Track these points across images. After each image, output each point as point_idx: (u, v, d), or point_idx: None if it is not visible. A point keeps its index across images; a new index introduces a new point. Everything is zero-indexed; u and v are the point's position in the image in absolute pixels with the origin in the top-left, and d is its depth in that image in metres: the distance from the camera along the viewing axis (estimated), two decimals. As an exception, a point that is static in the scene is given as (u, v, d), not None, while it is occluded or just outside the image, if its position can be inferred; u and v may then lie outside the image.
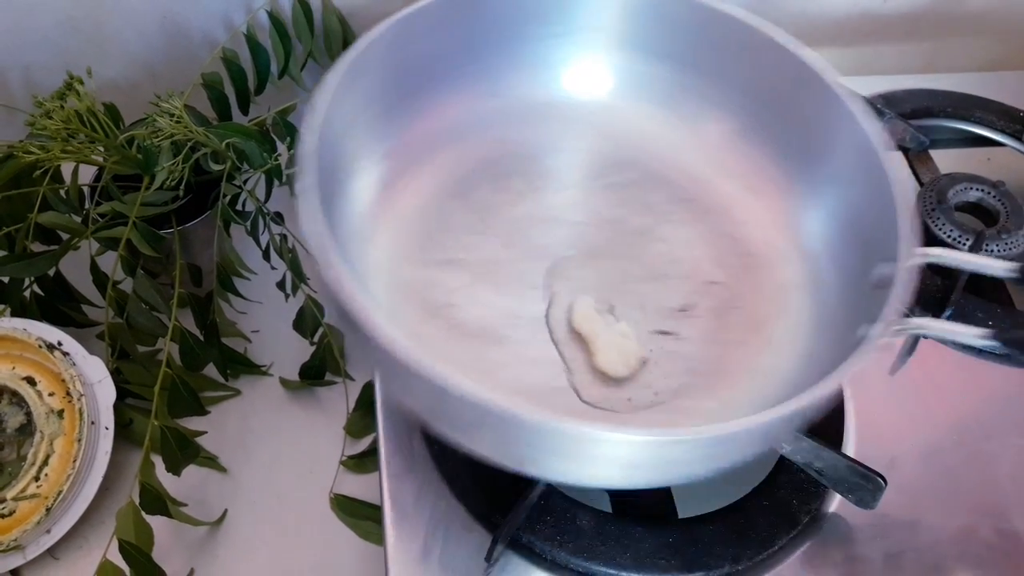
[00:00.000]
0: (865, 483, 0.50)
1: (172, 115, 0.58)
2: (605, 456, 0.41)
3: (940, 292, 0.63)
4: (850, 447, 0.56)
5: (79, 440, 0.59)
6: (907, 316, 0.45)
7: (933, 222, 0.67)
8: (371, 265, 0.53)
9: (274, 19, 0.71)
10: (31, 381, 0.61)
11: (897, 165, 0.51)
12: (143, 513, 0.56)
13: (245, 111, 0.72)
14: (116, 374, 0.63)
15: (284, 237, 0.64)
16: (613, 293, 0.55)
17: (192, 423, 0.63)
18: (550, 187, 0.59)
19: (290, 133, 0.67)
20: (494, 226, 0.56)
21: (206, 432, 0.63)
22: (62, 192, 0.63)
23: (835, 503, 0.54)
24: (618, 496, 0.54)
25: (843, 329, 0.52)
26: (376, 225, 0.54)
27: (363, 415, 0.66)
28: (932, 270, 0.63)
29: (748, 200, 0.60)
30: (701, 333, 0.54)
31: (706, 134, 0.61)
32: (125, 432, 0.64)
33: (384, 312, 0.42)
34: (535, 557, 0.50)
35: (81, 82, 0.55)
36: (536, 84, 0.61)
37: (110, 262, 0.62)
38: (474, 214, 0.57)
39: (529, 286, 0.54)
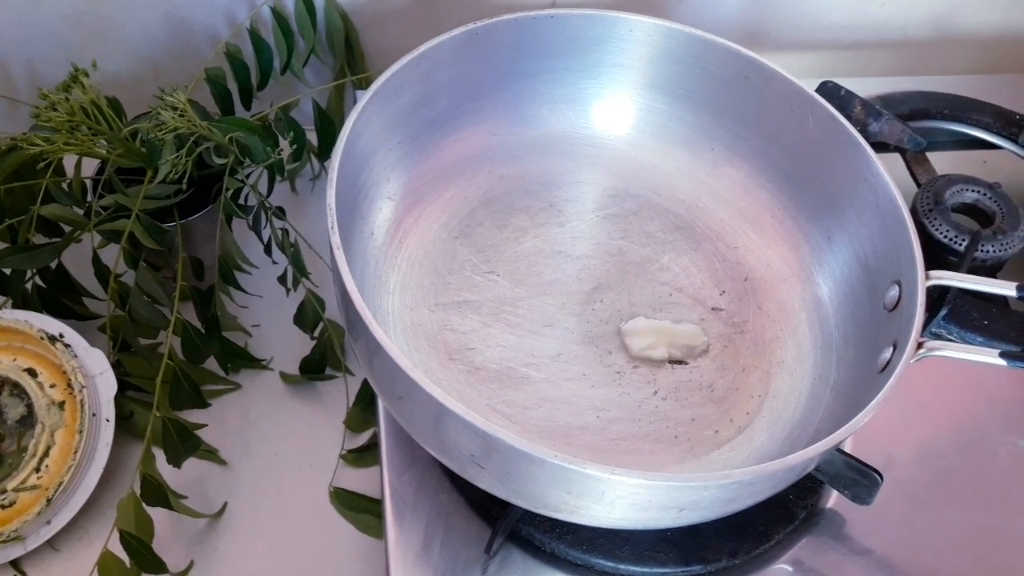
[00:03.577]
0: (861, 479, 0.50)
1: (176, 108, 0.58)
2: (659, 502, 0.41)
3: (936, 292, 0.63)
4: (846, 443, 0.57)
5: (80, 432, 0.59)
6: (927, 338, 0.46)
7: (930, 223, 0.67)
8: (387, 310, 0.54)
9: (277, 15, 0.71)
10: (32, 373, 0.62)
11: (900, 198, 0.52)
12: (144, 504, 0.56)
13: (247, 106, 0.72)
14: (117, 367, 0.63)
15: (286, 231, 0.65)
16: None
17: (192, 416, 0.64)
18: (552, 222, 0.60)
19: (292, 128, 0.68)
20: (500, 265, 0.57)
21: (207, 425, 0.64)
22: (65, 185, 0.63)
23: (831, 499, 0.55)
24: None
25: (852, 349, 0.53)
26: (389, 270, 0.55)
27: (363, 409, 0.66)
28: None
29: (741, 225, 0.61)
30: (713, 360, 0.55)
31: (703, 162, 0.62)
32: (126, 424, 0.64)
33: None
34: (534, 549, 0.51)
35: (86, 74, 0.55)
36: (544, 119, 0.62)
37: (112, 255, 0.63)
38: (479, 253, 0.57)
39: (543, 323, 0.55)
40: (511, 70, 0.58)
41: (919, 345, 0.45)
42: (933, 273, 0.49)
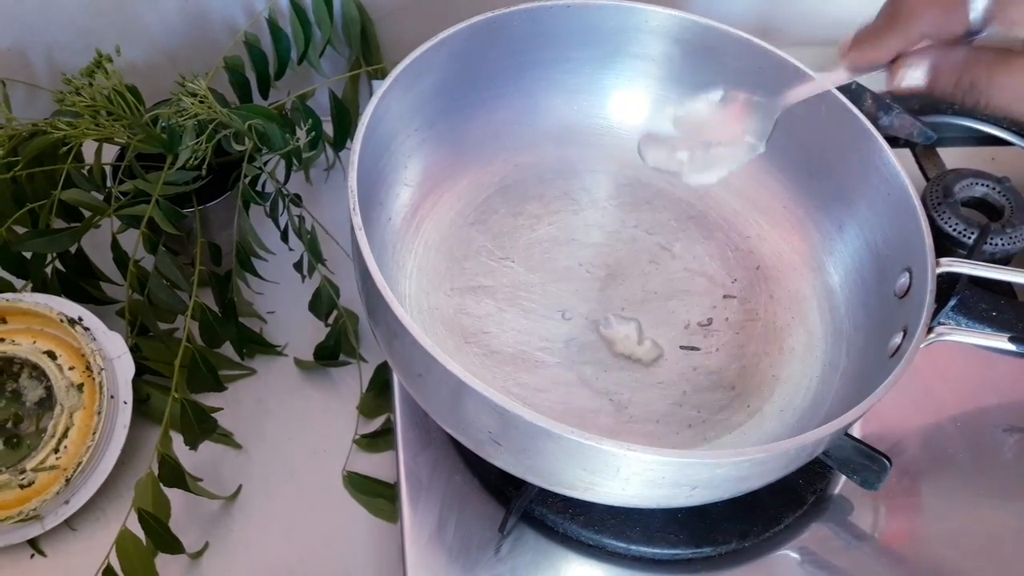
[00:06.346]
0: (870, 464, 0.51)
1: (196, 95, 0.59)
2: (673, 479, 0.41)
3: (945, 282, 0.63)
4: (856, 430, 0.57)
5: (99, 413, 0.60)
6: (935, 324, 0.47)
7: (939, 216, 0.68)
8: (404, 294, 0.54)
9: (295, 5, 0.72)
10: (52, 355, 0.62)
11: (911, 186, 0.52)
12: (161, 485, 0.57)
13: (265, 95, 0.73)
14: (134, 351, 0.64)
15: (302, 218, 0.65)
16: (638, 312, 0.56)
17: (208, 400, 0.64)
18: (566, 209, 0.61)
19: (310, 116, 0.68)
20: (515, 251, 0.58)
21: (222, 409, 0.64)
22: (85, 170, 0.64)
23: (840, 484, 0.55)
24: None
25: (863, 336, 0.53)
26: (405, 255, 0.56)
27: (376, 395, 0.67)
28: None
29: (753, 214, 0.61)
30: (724, 346, 0.56)
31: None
32: (142, 408, 0.65)
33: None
34: (547, 530, 0.51)
35: (110, 60, 0.56)
36: (560, 108, 0.63)
37: (131, 240, 0.63)
38: (495, 240, 0.58)
39: (556, 309, 0.56)
40: (528, 59, 0.59)
41: (929, 330, 0.46)
42: (943, 260, 0.50)
